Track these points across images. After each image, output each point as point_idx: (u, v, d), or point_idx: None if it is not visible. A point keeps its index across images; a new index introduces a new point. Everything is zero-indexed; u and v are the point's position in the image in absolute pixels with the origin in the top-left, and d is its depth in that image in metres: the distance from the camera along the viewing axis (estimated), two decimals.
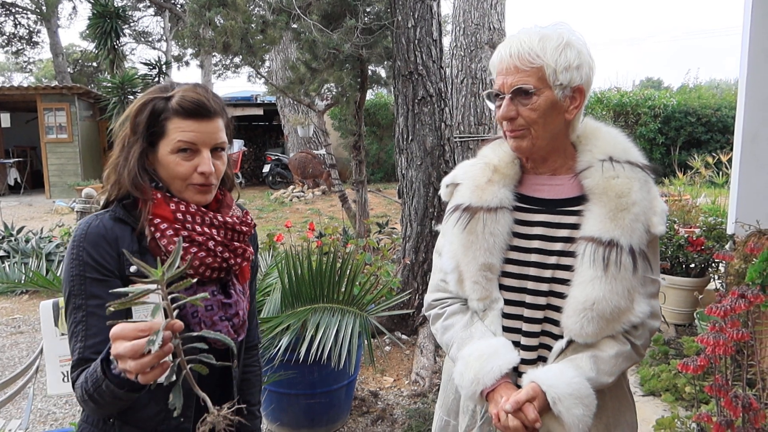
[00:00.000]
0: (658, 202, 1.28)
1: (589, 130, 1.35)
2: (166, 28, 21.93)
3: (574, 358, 1.25)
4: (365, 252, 4.23)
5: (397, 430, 3.17)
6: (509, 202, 1.32)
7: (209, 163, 1.25)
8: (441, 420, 1.50)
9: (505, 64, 1.27)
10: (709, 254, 4.02)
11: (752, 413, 1.28)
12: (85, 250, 1.19)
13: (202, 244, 1.24)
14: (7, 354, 4.51)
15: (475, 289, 1.32)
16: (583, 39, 1.29)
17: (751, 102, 3.47)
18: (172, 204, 1.24)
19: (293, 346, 2.62)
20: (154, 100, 1.24)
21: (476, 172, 1.37)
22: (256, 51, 5.32)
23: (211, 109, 1.24)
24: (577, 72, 1.24)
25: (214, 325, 1.25)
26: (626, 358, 1.26)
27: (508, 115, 1.27)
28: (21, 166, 15.50)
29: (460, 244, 1.33)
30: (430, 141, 4.33)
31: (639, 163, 1.29)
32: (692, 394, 3.08)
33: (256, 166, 16.66)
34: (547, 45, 1.24)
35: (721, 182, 7.33)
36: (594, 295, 1.21)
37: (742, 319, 1.84)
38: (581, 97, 1.27)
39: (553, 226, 1.30)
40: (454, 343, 1.35)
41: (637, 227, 1.24)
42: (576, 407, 1.19)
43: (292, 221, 7.78)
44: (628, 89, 15.26)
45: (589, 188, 1.27)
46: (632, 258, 1.21)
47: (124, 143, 1.26)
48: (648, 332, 1.29)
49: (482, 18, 6.43)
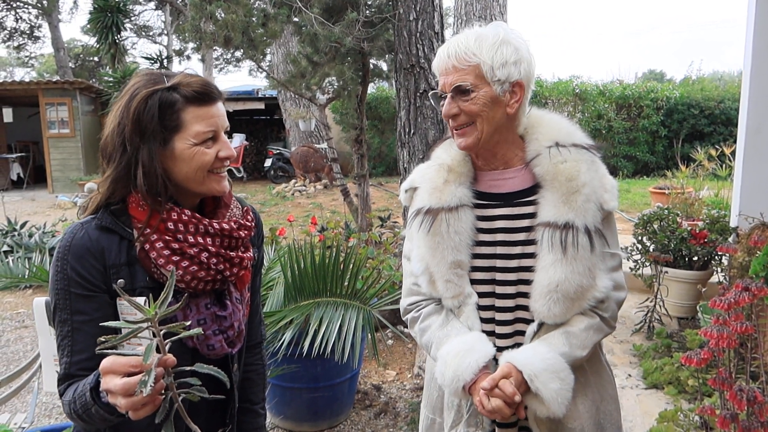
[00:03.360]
0: (607, 180, 1.33)
1: (534, 119, 1.40)
2: (167, 22, 21.88)
3: (547, 337, 1.30)
4: (367, 246, 4.23)
5: (400, 423, 3.17)
6: (468, 199, 1.36)
7: (230, 145, 1.21)
8: (427, 419, 1.52)
9: (444, 65, 1.32)
10: (712, 247, 4.00)
11: (757, 406, 1.28)
12: (69, 264, 1.12)
13: (194, 257, 1.16)
14: (12, 348, 4.53)
15: (448, 288, 1.35)
16: (522, 36, 1.33)
17: (755, 94, 3.45)
18: (164, 212, 1.15)
19: (296, 340, 2.63)
20: (157, 92, 1.14)
21: (432, 174, 1.41)
22: (257, 45, 5.30)
23: (218, 91, 1.20)
24: (515, 67, 1.28)
25: (208, 339, 1.20)
26: (596, 330, 1.32)
27: (450, 112, 1.31)
28: (24, 161, 15.53)
29: (427, 246, 1.36)
30: (432, 135, 4.31)
31: (584, 144, 1.34)
32: (695, 387, 3.08)
33: (257, 160, 16.65)
34: (483, 43, 1.28)
35: (724, 175, 7.31)
36: (557, 277, 1.26)
37: (746, 312, 1.83)
38: (521, 91, 1.31)
39: (514, 218, 1.35)
40: (432, 343, 1.39)
41: (590, 207, 1.29)
42: (552, 381, 1.23)
43: (294, 215, 7.78)
44: (630, 82, 15.22)
45: (540, 176, 1.33)
46: (588, 237, 1.27)
47: (125, 148, 1.15)
48: (615, 304, 1.34)
49: (484, 11, 6.40)
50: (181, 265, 1.15)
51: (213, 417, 1.34)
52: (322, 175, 12.87)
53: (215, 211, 1.27)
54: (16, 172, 15.18)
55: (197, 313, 1.20)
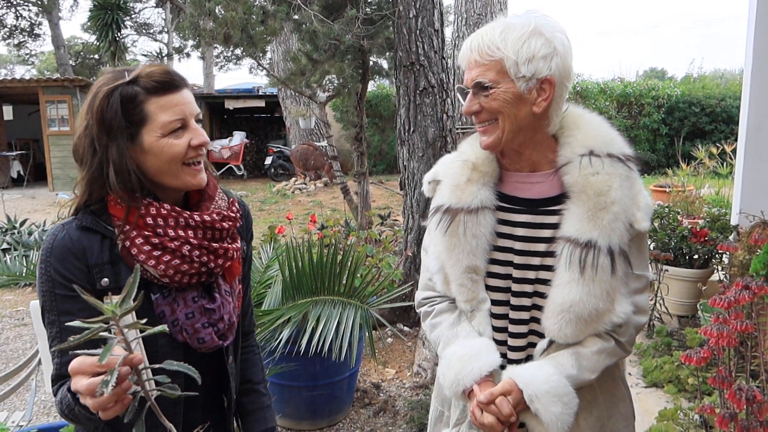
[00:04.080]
0: (641, 197, 1.23)
1: (570, 120, 1.29)
2: (168, 20, 21.85)
3: (556, 355, 1.23)
4: (367, 244, 4.22)
5: (399, 421, 3.17)
6: (491, 202, 1.28)
7: (202, 132, 1.18)
8: (436, 410, 1.50)
9: (467, 59, 1.24)
10: (712, 245, 3.99)
11: (756, 405, 1.27)
12: (52, 266, 1.12)
13: (175, 250, 1.15)
14: (11, 346, 4.53)
15: (461, 292, 1.30)
16: (559, 26, 1.22)
17: (756, 92, 3.44)
18: (142, 208, 1.14)
19: (294, 338, 2.62)
20: (118, 88, 1.12)
21: (455, 169, 1.33)
22: (257, 42, 5.29)
23: (181, 78, 1.16)
24: (545, 62, 1.17)
25: (197, 333, 1.19)
26: (609, 354, 1.24)
27: (470, 109, 1.24)
28: (24, 159, 15.52)
29: (443, 247, 1.31)
30: (431, 132, 4.30)
31: (621, 155, 1.24)
32: (695, 386, 3.07)
33: (258, 158, 16.64)
34: (508, 36, 1.18)
35: (725, 173, 7.30)
36: (571, 297, 1.18)
37: (746, 310, 1.82)
38: (551, 89, 1.20)
39: (536, 226, 1.27)
40: (440, 341, 1.35)
41: (617, 227, 1.19)
42: (554, 405, 1.17)
43: (294, 213, 7.78)
44: (631, 79, 15.19)
45: (569, 185, 1.23)
46: (611, 259, 1.17)
47: (95, 149, 1.13)
48: (633, 329, 1.26)
49: (485, 8, 6.39)
50: (163, 260, 1.14)
51: (212, 408, 1.35)
52: (323, 173, 12.86)
53: (199, 204, 1.25)
54: (17, 169, 15.18)
55: (185, 306, 1.19)
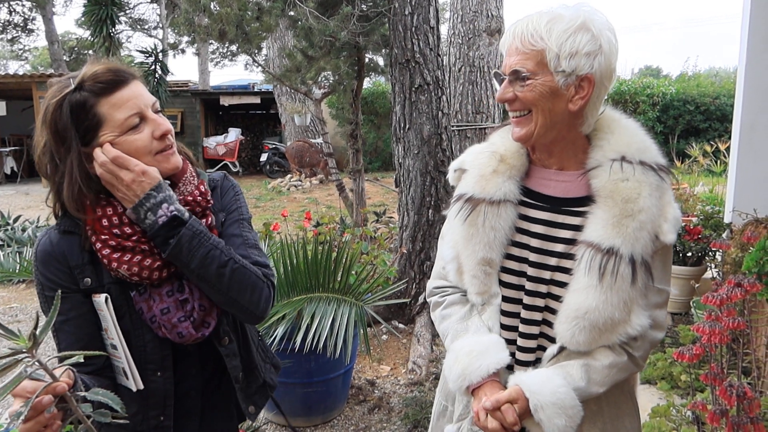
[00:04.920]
0: (670, 209, 1.19)
1: (605, 123, 1.25)
2: (162, 16, 21.76)
3: (565, 365, 1.20)
4: (362, 241, 4.22)
5: (394, 418, 3.17)
6: (514, 196, 1.26)
7: (163, 120, 1.19)
8: (440, 404, 1.49)
9: (508, 45, 1.21)
10: (706, 243, 4.01)
11: (747, 402, 1.28)
12: (39, 269, 1.19)
13: (134, 248, 1.16)
14: (5, 343, 4.50)
15: (473, 283, 1.28)
16: (609, 23, 1.18)
17: (749, 90, 3.45)
18: (98, 209, 1.16)
19: (289, 335, 2.62)
20: (65, 97, 1.12)
21: (483, 160, 1.31)
22: (252, 38, 5.27)
23: (127, 72, 1.17)
24: (587, 59, 1.14)
25: (175, 327, 1.20)
26: (621, 369, 1.21)
27: (504, 96, 1.21)
28: (17, 155, 15.43)
29: (460, 235, 1.29)
30: (427, 130, 4.30)
31: (653, 164, 1.20)
32: (688, 383, 3.08)
33: (253, 155, 16.60)
34: (554, 27, 1.15)
35: (719, 171, 7.33)
36: (587, 304, 1.16)
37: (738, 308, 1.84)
38: (590, 87, 1.16)
39: (556, 225, 1.24)
40: (449, 333, 1.33)
41: (642, 236, 1.16)
42: (558, 417, 1.15)
43: (290, 210, 7.77)
44: (626, 77, 15.21)
45: (596, 189, 1.20)
46: (632, 268, 1.14)
47: (55, 163, 1.15)
48: (648, 344, 1.23)
49: (480, 5, 6.38)
50: (124, 260, 1.15)
51: (215, 391, 1.37)
52: (318, 170, 12.85)
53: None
54: (10, 165, 15.09)
55: (160, 302, 1.20)
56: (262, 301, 1.28)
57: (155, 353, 1.23)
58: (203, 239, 1.18)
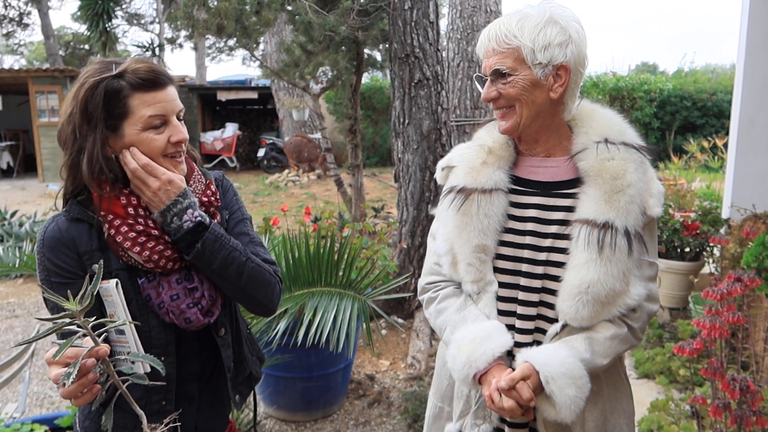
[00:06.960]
0: (654, 184, 1.28)
1: (585, 112, 1.34)
2: (159, 10, 21.64)
3: (569, 339, 1.24)
4: (362, 236, 4.22)
5: (393, 412, 3.19)
6: (504, 184, 1.32)
7: (182, 129, 1.24)
8: (435, 407, 1.49)
9: (485, 48, 1.29)
10: (704, 238, 4.03)
11: (750, 395, 1.29)
12: (46, 256, 1.21)
13: (159, 237, 1.22)
14: (3, 338, 4.51)
15: (468, 271, 1.31)
16: (574, 15, 1.26)
17: (748, 87, 3.47)
18: (122, 198, 1.21)
19: (291, 330, 2.62)
20: (104, 81, 1.17)
21: (471, 154, 1.38)
22: (250, 33, 5.26)
23: (166, 75, 1.22)
24: (560, 49, 1.23)
25: (183, 313, 1.25)
26: (622, 341, 1.26)
27: (488, 96, 1.29)
28: (13, 150, 15.36)
29: (454, 225, 1.33)
30: (426, 125, 4.30)
31: (635, 144, 1.29)
32: (686, 377, 3.11)
33: (250, 150, 16.55)
34: (525, 24, 1.23)
35: (716, 166, 7.36)
36: (589, 277, 1.20)
37: (738, 302, 1.85)
38: (567, 75, 1.25)
39: (548, 208, 1.30)
40: (447, 326, 1.35)
41: (633, 209, 1.23)
42: (569, 387, 1.18)
43: (288, 205, 7.76)
44: (624, 73, 15.19)
45: (584, 170, 1.27)
46: (627, 240, 1.21)
47: (75, 136, 1.19)
48: (646, 315, 1.29)
49: (479, 0, 6.37)
50: (148, 246, 1.21)
51: (210, 379, 1.41)
52: (316, 165, 12.83)
53: None
54: (6, 160, 15.03)
55: (169, 289, 1.25)
56: (275, 296, 1.37)
57: (160, 338, 1.26)
58: (224, 242, 1.26)
